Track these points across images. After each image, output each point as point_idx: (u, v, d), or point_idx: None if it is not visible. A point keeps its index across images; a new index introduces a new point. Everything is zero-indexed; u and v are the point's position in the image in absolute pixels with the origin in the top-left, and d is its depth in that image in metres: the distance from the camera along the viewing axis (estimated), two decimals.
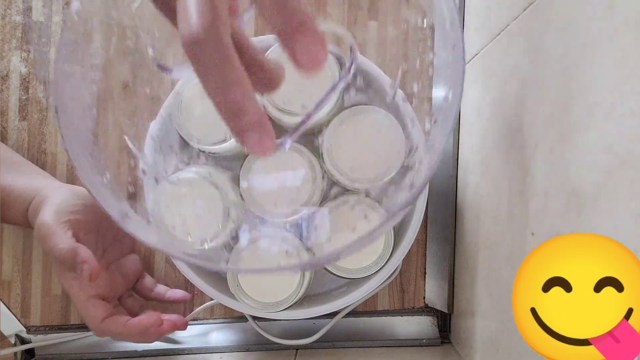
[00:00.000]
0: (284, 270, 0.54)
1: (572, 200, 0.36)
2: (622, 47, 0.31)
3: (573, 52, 0.37)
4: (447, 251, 0.64)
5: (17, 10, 0.71)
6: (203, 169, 0.56)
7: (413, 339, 0.67)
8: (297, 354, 0.66)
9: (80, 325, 0.70)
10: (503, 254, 0.48)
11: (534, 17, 0.44)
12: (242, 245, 0.54)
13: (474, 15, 0.61)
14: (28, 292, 0.70)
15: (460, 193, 0.63)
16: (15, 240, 0.70)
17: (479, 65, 0.58)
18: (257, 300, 0.54)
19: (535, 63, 0.43)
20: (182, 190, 0.55)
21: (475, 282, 0.56)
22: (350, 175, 0.53)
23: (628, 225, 0.30)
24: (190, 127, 0.54)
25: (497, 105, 0.52)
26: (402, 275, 0.69)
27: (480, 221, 0.55)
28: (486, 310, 0.52)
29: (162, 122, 0.58)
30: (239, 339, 0.69)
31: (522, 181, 0.44)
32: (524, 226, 0.43)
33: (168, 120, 0.59)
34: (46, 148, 0.71)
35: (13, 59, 0.71)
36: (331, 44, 0.57)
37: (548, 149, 0.40)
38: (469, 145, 0.60)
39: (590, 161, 0.34)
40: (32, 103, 0.71)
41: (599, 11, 0.33)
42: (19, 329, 0.70)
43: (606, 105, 0.32)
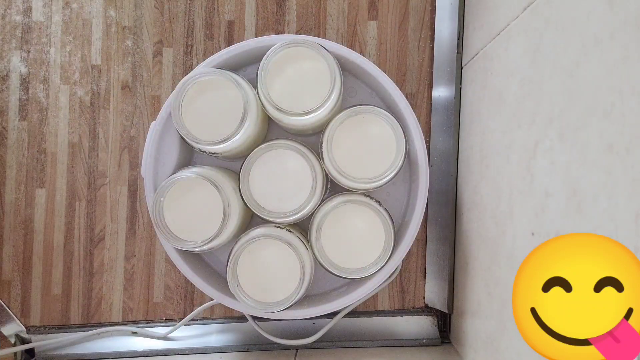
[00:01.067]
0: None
1: (572, 200, 0.36)
2: (622, 46, 0.31)
3: (573, 52, 0.37)
4: (447, 251, 0.64)
5: (17, 10, 0.71)
6: (203, 169, 0.56)
7: (413, 339, 0.67)
8: (297, 354, 0.66)
9: (80, 325, 0.70)
10: (503, 254, 0.48)
11: (534, 17, 0.44)
12: (242, 244, 0.54)
13: (474, 15, 0.61)
14: (28, 292, 0.70)
15: (460, 193, 0.63)
16: (15, 240, 0.70)
17: (478, 65, 0.58)
18: (257, 300, 0.54)
19: (535, 63, 0.43)
20: (182, 190, 0.54)
21: (475, 282, 0.56)
22: (350, 175, 0.53)
23: (628, 225, 0.30)
24: (191, 127, 0.54)
25: (497, 105, 0.52)
26: (402, 275, 0.69)
27: (480, 221, 0.55)
28: (486, 310, 0.52)
29: (162, 122, 0.58)
30: (239, 339, 0.69)
31: (522, 181, 0.44)
32: (524, 226, 0.43)
33: (168, 120, 0.59)
34: (46, 148, 0.71)
35: (13, 59, 0.71)
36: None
37: (548, 149, 0.40)
38: (469, 145, 0.60)
39: (590, 161, 0.34)
40: (32, 103, 0.71)
41: (599, 11, 0.33)
42: (19, 329, 0.70)
43: (606, 105, 0.32)
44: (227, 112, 0.53)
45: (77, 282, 0.70)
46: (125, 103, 0.71)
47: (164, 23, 0.70)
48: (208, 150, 0.54)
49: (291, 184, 0.54)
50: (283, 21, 0.71)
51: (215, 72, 0.53)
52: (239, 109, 0.52)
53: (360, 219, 0.55)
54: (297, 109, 0.52)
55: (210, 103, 0.54)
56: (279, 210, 0.54)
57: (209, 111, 0.54)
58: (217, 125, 0.53)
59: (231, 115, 0.53)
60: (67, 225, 0.71)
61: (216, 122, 0.54)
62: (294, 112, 0.52)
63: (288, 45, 0.53)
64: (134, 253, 0.70)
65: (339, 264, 0.55)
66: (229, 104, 0.53)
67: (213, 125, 0.54)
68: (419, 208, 0.57)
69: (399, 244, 0.57)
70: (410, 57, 0.69)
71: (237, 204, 0.55)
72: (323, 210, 0.55)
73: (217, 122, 0.54)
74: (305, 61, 0.54)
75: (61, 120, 0.71)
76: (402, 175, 0.62)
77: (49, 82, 0.71)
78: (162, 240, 0.56)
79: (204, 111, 0.54)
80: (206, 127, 0.54)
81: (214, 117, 0.54)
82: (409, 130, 0.56)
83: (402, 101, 0.57)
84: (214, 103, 0.54)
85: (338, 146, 0.54)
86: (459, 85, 0.64)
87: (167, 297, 0.70)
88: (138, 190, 0.71)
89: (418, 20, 0.69)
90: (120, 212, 0.70)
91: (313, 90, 0.53)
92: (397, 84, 0.58)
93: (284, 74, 0.54)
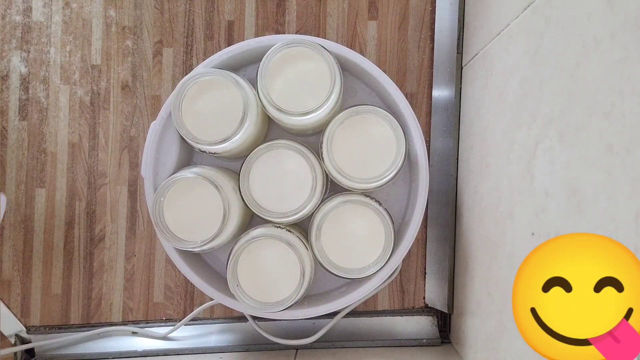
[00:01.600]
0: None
1: (572, 200, 0.36)
2: (622, 46, 0.31)
3: (573, 52, 0.37)
4: (447, 251, 0.64)
5: (17, 10, 0.71)
6: (203, 169, 0.56)
7: (413, 339, 0.67)
8: (297, 354, 0.66)
9: (80, 325, 0.70)
10: (503, 254, 0.48)
11: (534, 17, 0.44)
12: (242, 244, 0.54)
13: (473, 15, 0.61)
14: (28, 292, 0.70)
15: (460, 193, 0.63)
16: (15, 240, 0.70)
17: (479, 65, 0.58)
18: (257, 300, 0.54)
19: (535, 63, 0.43)
20: (182, 190, 0.54)
21: (475, 282, 0.56)
22: (350, 175, 0.53)
23: (628, 225, 0.30)
24: (191, 127, 0.54)
25: (497, 105, 0.52)
26: (402, 275, 0.69)
27: (480, 221, 0.55)
28: (486, 310, 0.52)
29: (162, 122, 0.58)
30: (239, 339, 0.69)
31: (522, 181, 0.44)
32: (524, 226, 0.43)
33: (168, 120, 0.59)
34: (46, 148, 0.71)
35: (13, 59, 0.71)
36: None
37: (548, 149, 0.40)
38: (469, 145, 0.60)
39: (590, 161, 0.34)
40: (32, 103, 0.71)
41: (599, 11, 0.33)
42: (19, 329, 0.70)
43: (606, 105, 0.32)
44: (227, 112, 0.53)
45: (77, 282, 0.70)
46: (125, 103, 0.71)
47: (164, 23, 0.70)
48: (208, 150, 0.54)
49: (291, 184, 0.54)
50: (283, 21, 0.71)
51: (215, 72, 0.53)
52: (239, 109, 0.52)
53: (360, 219, 0.55)
54: (297, 109, 0.52)
55: (210, 103, 0.54)
56: (279, 210, 0.54)
57: (209, 111, 0.54)
58: (217, 125, 0.53)
59: (231, 115, 0.53)
60: (67, 225, 0.71)
61: (216, 122, 0.54)
62: (294, 112, 0.52)
63: (288, 45, 0.53)
64: (134, 253, 0.70)
65: (339, 264, 0.55)
66: (229, 104, 0.53)
67: (213, 125, 0.54)
68: (419, 208, 0.57)
69: (399, 244, 0.57)
70: (410, 57, 0.69)
71: (237, 204, 0.55)
72: (323, 210, 0.55)
73: (217, 122, 0.54)
74: (305, 61, 0.54)
75: (61, 120, 0.71)
76: (402, 175, 0.62)
77: (49, 82, 0.71)
78: (162, 240, 0.56)
79: (204, 111, 0.54)
80: (206, 127, 0.54)
81: (214, 117, 0.54)
82: (409, 130, 0.56)
83: (402, 101, 0.57)
84: (214, 103, 0.54)
85: (338, 146, 0.54)
86: (459, 85, 0.64)
87: (167, 297, 0.70)
88: (138, 190, 0.71)
89: (418, 20, 0.69)
90: (120, 212, 0.70)
91: (313, 90, 0.53)
92: (397, 84, 0.58)
93: (284, 74, 0.54)
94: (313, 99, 0.52)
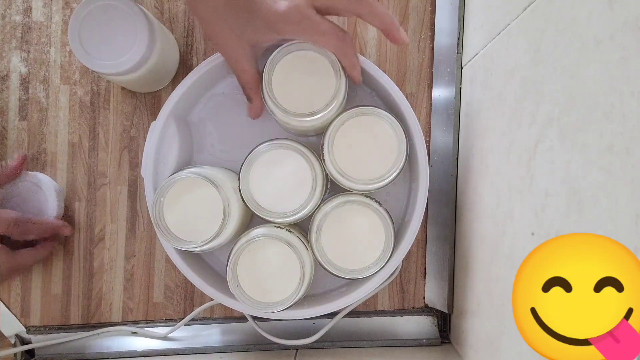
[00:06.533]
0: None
1: (572, 200, 0.36)
2: (622, 47, 0.31)
3: (573, 52, 0.37)
4: (447, 251, 0.64)
5: (17, 10, 0.71)
6: (203, 169, 0.56)
7: (413, 339, 0.67)
8: (297, 354, 0.66)
9: (80, 325, 0.70)
10: (503, 254, 0.48)
11: (534, 17, 0.44)
12: (242, 244, 0.54)
13: (474, 15, 0.61)
14: (28, 292, 0.70)
15: (460, 193, 0.63)
16: None
17: (479, 65, 0.58)
18: (257, 300, 0.54)
19: (535, 63, 0.43)
20: (182, 190, 0.55)
21: (475, 282, 0.56)
22: (350, 176, 0.53)
23: (628, 225, 0.30)
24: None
25: (496, 105, 0.52)
26: (402, 275, 0.69)
27: (480, 221, 0.55)
28: (486, 310, 0.52)
29: (162, 122, 0.58)
30: (239, 339, 0.69)
31: (522, 181, 0.44)
32: (524, 226, 0.44)
33: (168, 120, 0.59)
34: (46, 148, 0.71)
35: (13, 59, 0.71)
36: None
37: (548, 149, 0.40)
38: (469, 145, 0.60)
39: (590, 161, 0.34)
40: (32, 103, 0.71)
41: (599, 11, 0.33)
42: (19, 329, 0.70)
43: (606, 106, 0.32)
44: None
45: (77, 282, 0.70)
46: (125, 103, 0.71)
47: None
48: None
49: (291, 184, 0.54)
50: None
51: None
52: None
53: (361, 219, 0.55)
54: (303, 109, 0.52)
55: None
56: (279, 210, 0.54)
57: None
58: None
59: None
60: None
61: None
62: (301, 113, 0.52)
63: (293, 45, 0.53)
64: (134, 253, 0.70)
65: (339, 264, 0.55)
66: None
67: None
68: (419, 208, 0.57)
69: (399, 244, 0.57)
70: (410, 57, 0.69)
71: (237, 204, 0.55)
72: (323, 210, 0.55)
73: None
74: (308, 61, 0.54)
75: (61, 120, 0.71)
76: (402, 176, 0.62)
77: (49, 82, 0.71)
78: (162, 240, 0.56)
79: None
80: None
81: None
82: (410, 130, 0.56)
83: (403, 102, 0.57)
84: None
85: (339, 147, 0.54)
86: (459, 85, 0.64)
87: (167, 297, 0.70)
88: (138, 190, 0.71)
89: (418, 20, 0.69)
90: (120, 212, 0.70)
91: (318, 90, 0.53)
92: (397, 84, 0.58)
93: (288, 74, 0.54)
94: (319, 100, 0.52)
